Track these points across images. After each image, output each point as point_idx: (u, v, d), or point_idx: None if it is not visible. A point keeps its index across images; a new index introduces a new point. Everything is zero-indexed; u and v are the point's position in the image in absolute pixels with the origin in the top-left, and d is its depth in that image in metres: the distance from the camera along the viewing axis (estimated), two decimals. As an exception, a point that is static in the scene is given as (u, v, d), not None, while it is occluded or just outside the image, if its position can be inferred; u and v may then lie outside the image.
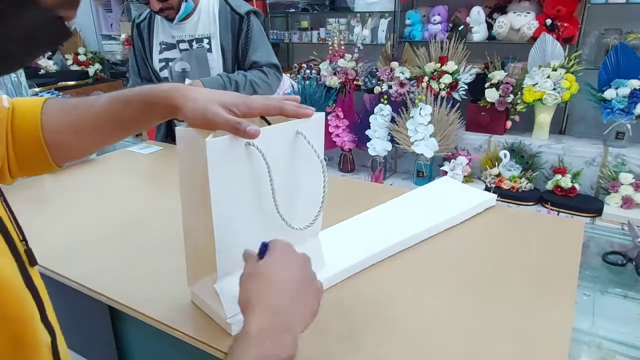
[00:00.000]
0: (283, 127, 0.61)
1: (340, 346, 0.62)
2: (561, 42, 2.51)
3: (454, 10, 2.88)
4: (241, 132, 0.54)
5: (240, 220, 0.61)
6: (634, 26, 2.45)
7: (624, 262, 0.88)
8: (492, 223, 0.97)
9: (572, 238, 0.89)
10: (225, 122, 0.54)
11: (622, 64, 2.36)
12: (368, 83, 3.01)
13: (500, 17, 2.68)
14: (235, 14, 1.60)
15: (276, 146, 0.61)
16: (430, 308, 0.70)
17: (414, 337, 0.64)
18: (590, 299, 0.80)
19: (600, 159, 2.45)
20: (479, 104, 2.71)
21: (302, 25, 3.53)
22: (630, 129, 2.39)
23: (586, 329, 0.71)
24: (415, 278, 0.78)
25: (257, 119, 0.63)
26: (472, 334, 0.64)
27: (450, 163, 2.70)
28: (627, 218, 2.06)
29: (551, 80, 2.47)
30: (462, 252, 0.86)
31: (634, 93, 2.30)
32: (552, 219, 1.10)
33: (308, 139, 0.62)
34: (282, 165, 0.63)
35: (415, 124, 2.72)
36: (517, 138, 2.64)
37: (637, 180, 2.31)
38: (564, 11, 2.50)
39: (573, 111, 2.75)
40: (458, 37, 2.71)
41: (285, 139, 0.62)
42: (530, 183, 2.55)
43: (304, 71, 3.26)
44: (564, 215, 2.29)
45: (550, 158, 2.56)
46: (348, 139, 3.03)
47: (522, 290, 0.73)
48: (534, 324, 0.65)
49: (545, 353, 0.60)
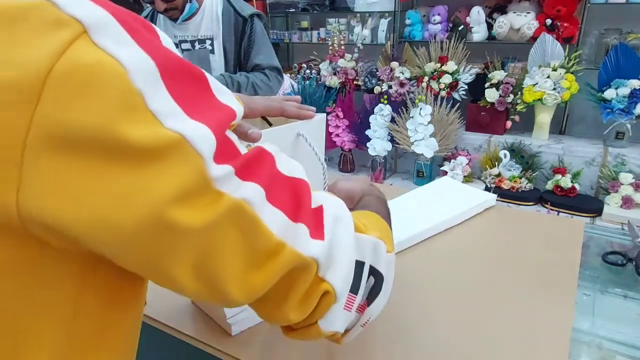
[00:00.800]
0: (284, 129, 0.61)
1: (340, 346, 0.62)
2: (561, 42, 2.51)
3: (454, 10, 2.88)
4: (242, 135, 0.54)
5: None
6: (634, 26, 2.45)
7: (624, 262, 0.88)
8: (492, 223, 0.97)
9: (572, 238, 0.89)
10: None
11: (622, 64, 2.37)
12: (368, 83, 3.01)
13: (500, 17, 2.68)
14: (239, 16, 1.61)
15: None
16: (430, 308, 0.70)
17: (413, 336, 0.64)
18: (590, 299, 0.80)
19: (600, 159, 2.46)
20: (479, 104, 2.71)
21: (302, 25, 3.53)
22: (630, 129, 2.39)
23: (586, 329, 0.71)
24: (415, 278, 0.78)
25: (258, 119, 0.63)
26: (472, 334, 0.64)
27: (450, 163, 2.70)
28: (627, 218, 2.06)
29: (551, 80, 2.47)
30: (462, 252, 0.86)
31: (634, 93, 2.30)
32: (552, 219, 1.10)
33: (309, 141, 0.62)
34: (283, 165, 0.63)
35: (415, 124, 2.72)
36: (517, 138, 2.64)
37: (637, 180, 2.31)
38: (564, 11, 2.50)
39: (573, 111, 2.75)
40: (458, 37, 2.71)
41: (286, 140, 0.62)
42: (530, 183, 2.55)
43: (304, 71, 3.26)
44: (564, 215, 2.29)
45: (550, 158, 2.56)
46: (348, 139, 3.03)
47: (522, 290, 0.73)
48: (534, 324, 0.65)
49: (545, 353, 0.60)
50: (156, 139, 0.28)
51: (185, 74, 0.31)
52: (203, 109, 0.31)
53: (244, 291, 0.34)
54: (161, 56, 0.30)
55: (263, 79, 1.62)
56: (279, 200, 0.35)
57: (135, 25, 0.30)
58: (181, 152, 0.29)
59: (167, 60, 0.30)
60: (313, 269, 0.37)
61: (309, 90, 2.95)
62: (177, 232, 0.29)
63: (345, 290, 0.40)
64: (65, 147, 0.26)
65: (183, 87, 0.30)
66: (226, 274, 0.32)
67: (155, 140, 0.28)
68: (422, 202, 1.03)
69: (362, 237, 0.43)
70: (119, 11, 0.29)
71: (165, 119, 0.28)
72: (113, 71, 0.27)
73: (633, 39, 2.39)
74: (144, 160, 0.28)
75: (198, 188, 0.29)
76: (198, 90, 0.32)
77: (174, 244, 0.30)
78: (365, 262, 0.43)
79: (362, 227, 0.44)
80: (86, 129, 0.26)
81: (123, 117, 0.27)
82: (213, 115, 0.32)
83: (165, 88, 0.29)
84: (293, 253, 0.35)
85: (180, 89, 0.30)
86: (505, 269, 0.80)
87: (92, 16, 0.28)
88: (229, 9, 1.62)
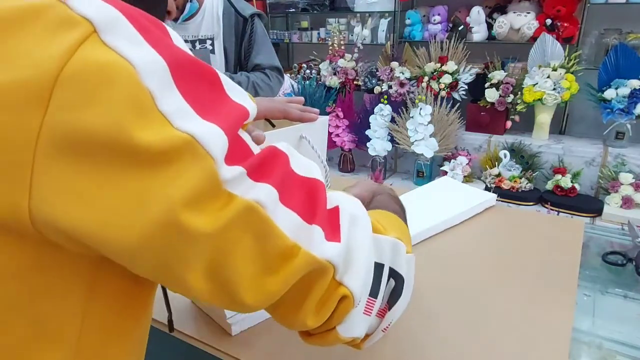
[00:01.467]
0: (287, 131, 0.61)
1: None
2: (561, 42, 2.51)
3: (454, 10, 2.88)
4: None
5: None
6: (634, 26, 2.45)
7: (624, 262, 0.88)
8: (492, 223, 0.97)
9: (572, 238, 0.89)
10: None
11: (622, 64, 2.36)
12: (368, 83, 3.01)
13: (500, 17, 2.68)
14: (240, 16, 1.60)
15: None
16: (429, 308, 0.70)
17: (413, 336, 0.64)
18: (590, 299, 0.80)
19: (600, 159, 2.45)
20: (479, 104, 2.71)
21: (302, 25, 3.53)
22: (630, 129, 2.39)
23: (586, 329, 0.71)
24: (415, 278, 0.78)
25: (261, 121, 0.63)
26: (472, 334, 0.64)
27: (450, 163, 2.70)
28: (627, 218, 2.06)
29: (551, 80, 2.47)
30: (462, 252, 0.86)
31: (634, 93, 2.30)
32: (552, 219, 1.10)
33: (312, 144, 0.62)
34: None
35: (415, 124, 2.72)
36: (517, 138, 2.64)
37: (637, 180, 2.31)
38: (564, 11, 2.50)
39: (573, 111, 2.75)
40: (458, 37, 2.71)
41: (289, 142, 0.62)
42: (530, 183, 2.55)
43: (304, 71, 3.26)
44: (564, 215, 2.29)
45: (550, 158, 2.56)
46: (348, 139, 3.03)
47: (522, 290, 0.73)
48: (534, 324, 0.65)
49: (545, 353, 0.60)
50: (166, 141, 0.27)
51: (197, 73, 0.31)
52: (215, 109, 0.31)
53: (258, 296, 0.33)
54: (172, 55, 0.29)
55: (264, 78, 1.62)
56: (292, 201, 0.34)
57: (145, 24, 0.29)
58: (192, 154, 0.28)
59: (179, 59, 0.30)
60: (330, 273, 0.36)
61: (309, 90, 2.95)
62: (190, 236, 0.28)
63: (364, 294, 0.39)
64: (75, 151, 0.26)
65: (195, 86, 0.30)
66: (240, 278, 0.32)
67: (166, 142, 0.27)
68: (422, 202, 1.03)
69: (380, 238, 0.41)
70: (129, 9, 0.29)
71: (175, 119, 0.28)
72: (123, 72, 0.27)
73: (633, 39, 2.39)
74: (155, 164, 0.27)
75: (209, 190, 0.29)
76: (210, 90, 0.32)
77: (187, 248, 0.29)
78: (385, 264, 0.41)
79: (380, 228, 0.42)
80: (96, 133, 0.26)
81: (133, 119, 0.27)
82: (225, 115, 0.31)
83: (176, 88, 0.29)
84: (308, 256, 0.34)
85: (192, 88, 0.30)
86: (505, 269, 0.80)
87: (102, 15, 0.27)
88: (230, 9, 1.62)
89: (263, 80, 1.61)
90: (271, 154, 0.34)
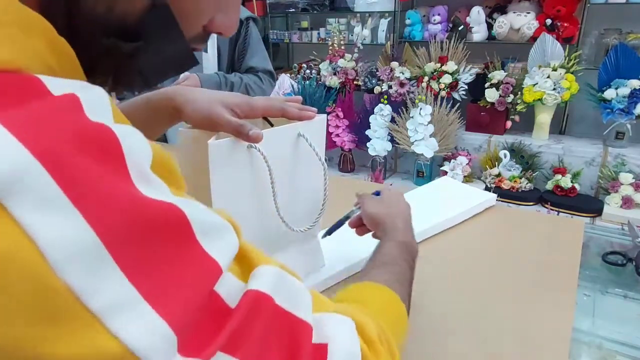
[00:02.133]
0: (285, 130, 0.61)
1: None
2: (561, 42, 2.51)
3: (454, 10, 2.88)
4: (244, 135, 0.54)
5: (241, 221, 0.61)
6: (634, 26, 2.45)
7: (624, 262, 0.88)
8: (492, 223, 0.97)
9: (572, 238, 0.89)
10: (228, 124, 0.54)
11: (622, 64, 2.36)
12: (368, 83, 3.01)
13: (500, 17, 2.68)
14: None
15: (278, 148, 0.61)
16: (429, 308, 0.70)
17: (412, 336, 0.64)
18: (590, 299, 0.80)
19: (600, 159, 2.46)
20: (479, 104, 2.71)
21: (302, 25, 3.53)
22: (630, 129, 2.39)
23: (586, 329, 0.71)
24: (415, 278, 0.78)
25: (259, 119, 0.63)
26: (471, 334, 0.64)
27: (450, 163, 2.70)
28: (627, 218, 2.06)
29: (551, 80, 2.47)
30: (462, 252, 0.86)
31: (634, 93, 2.30)
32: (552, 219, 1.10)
33: (310, 142, 0.62)
34: (283, 167, 0.63)
35: (415, 124, 2.73)
36: (517, 138, 2.64)
37: (637, 180, 2.31)
38: (564, 11, 2.50)
39: (573, 111, 2.75)
40: (458, 37, 2.71)
41: (286, 141, 0.62)
42: (530, 183, 2.55)
43: (304, 71, 3.26)
44: (564, 215, 2.30)
45: (550, 158, 2.56)
46: (348, 139, 3.03)
47: (522, 291, 0.74)
48: (534, 324, 0.65)
49: (545, 353, 0.60)
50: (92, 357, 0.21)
51: (155, 228, 0.24)
52: (173, 278, 0.25)
53: None
54: (112, 216, 0.22)
55: (257, 81, 1.65)
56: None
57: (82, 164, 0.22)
58: None
59: (124, 220, 0.22)
60: None
61: (309, 90, 2.95)
62: None
63: None
64: None
65: (147, 250, 0.23)
66: None
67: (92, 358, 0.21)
68: (422, 202, 1.03)
69: None
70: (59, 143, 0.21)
71: (110, 317, 0.22)
72: (26, 263, 0.19)
73: (633, 39, 2.39)
74: None
75: None
76: (172, 247, 0.25)
77: None
78: None
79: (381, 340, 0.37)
80: None
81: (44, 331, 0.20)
82: (185, 287, 0.25)
83: (115, 264, 0.22)
84: None
85: (142, 254, 0.23)
86: (505, 269, 0.80)
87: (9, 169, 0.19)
88: None
89: (256, 83, 1.65)
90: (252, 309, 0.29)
